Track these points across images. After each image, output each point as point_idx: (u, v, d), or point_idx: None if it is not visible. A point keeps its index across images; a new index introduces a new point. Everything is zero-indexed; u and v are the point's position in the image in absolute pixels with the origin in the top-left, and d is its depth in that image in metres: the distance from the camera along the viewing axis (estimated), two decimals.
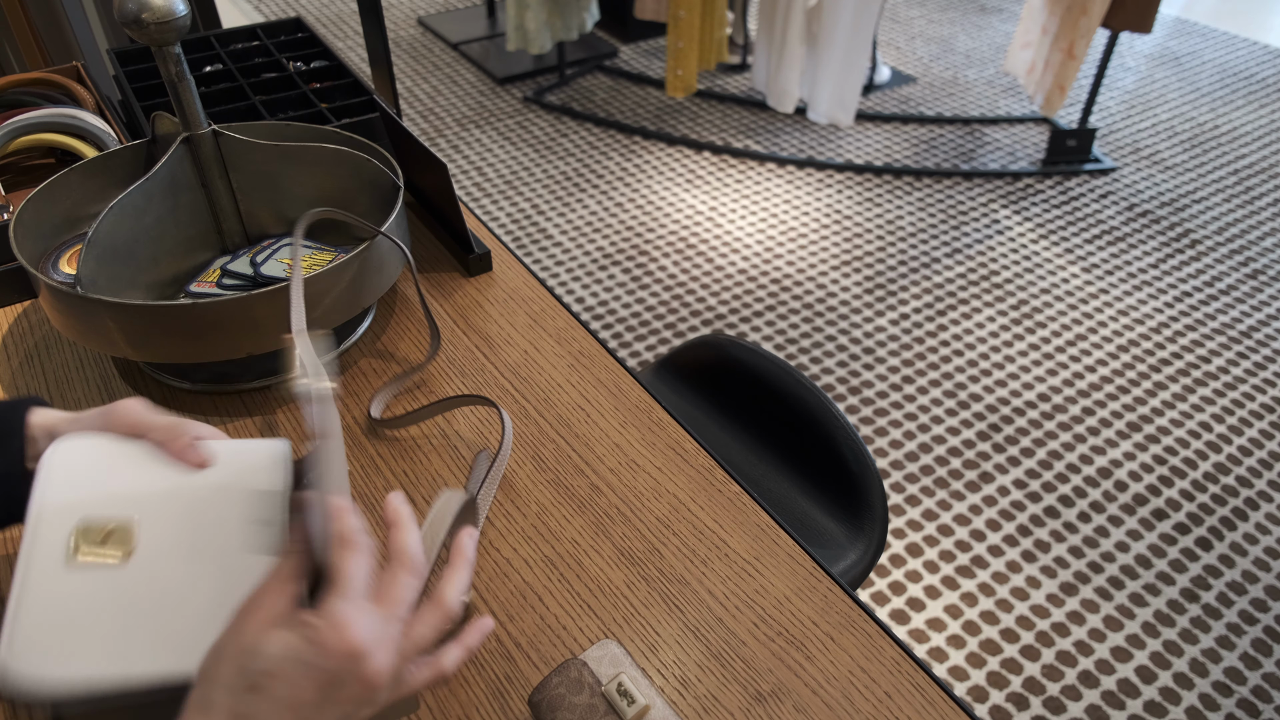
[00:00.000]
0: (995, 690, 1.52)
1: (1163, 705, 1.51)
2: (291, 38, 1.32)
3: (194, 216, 0.94)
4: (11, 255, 0.95)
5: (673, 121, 3.21)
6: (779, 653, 0.66)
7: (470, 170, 2.92)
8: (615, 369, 0.90)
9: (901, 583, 1.69)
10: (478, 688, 0.63)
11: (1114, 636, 1.61)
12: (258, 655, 0.44)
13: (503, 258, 1.05)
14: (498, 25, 3.86)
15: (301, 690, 0.44)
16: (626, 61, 3.63)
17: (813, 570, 0.71)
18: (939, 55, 3.74)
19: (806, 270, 2.50)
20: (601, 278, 2.45)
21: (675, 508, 0.76)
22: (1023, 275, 2.51)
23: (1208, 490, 1.90)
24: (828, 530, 1.03)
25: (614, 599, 0.69)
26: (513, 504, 0.76)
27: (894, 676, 0.64)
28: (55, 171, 1.06)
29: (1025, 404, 2.09)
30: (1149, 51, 3.81)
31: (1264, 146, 3.15)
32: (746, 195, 2.81)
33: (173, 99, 0.84)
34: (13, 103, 1.19)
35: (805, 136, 3.13)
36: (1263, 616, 1.65)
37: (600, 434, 0.83)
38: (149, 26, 0.76)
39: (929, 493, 1.87)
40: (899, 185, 2.88)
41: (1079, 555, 1.75)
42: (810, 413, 1.08)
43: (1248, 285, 2.49)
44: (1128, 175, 2.96)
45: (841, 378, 2.15)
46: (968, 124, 3.24)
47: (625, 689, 0.57)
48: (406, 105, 3.27)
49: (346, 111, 1.15)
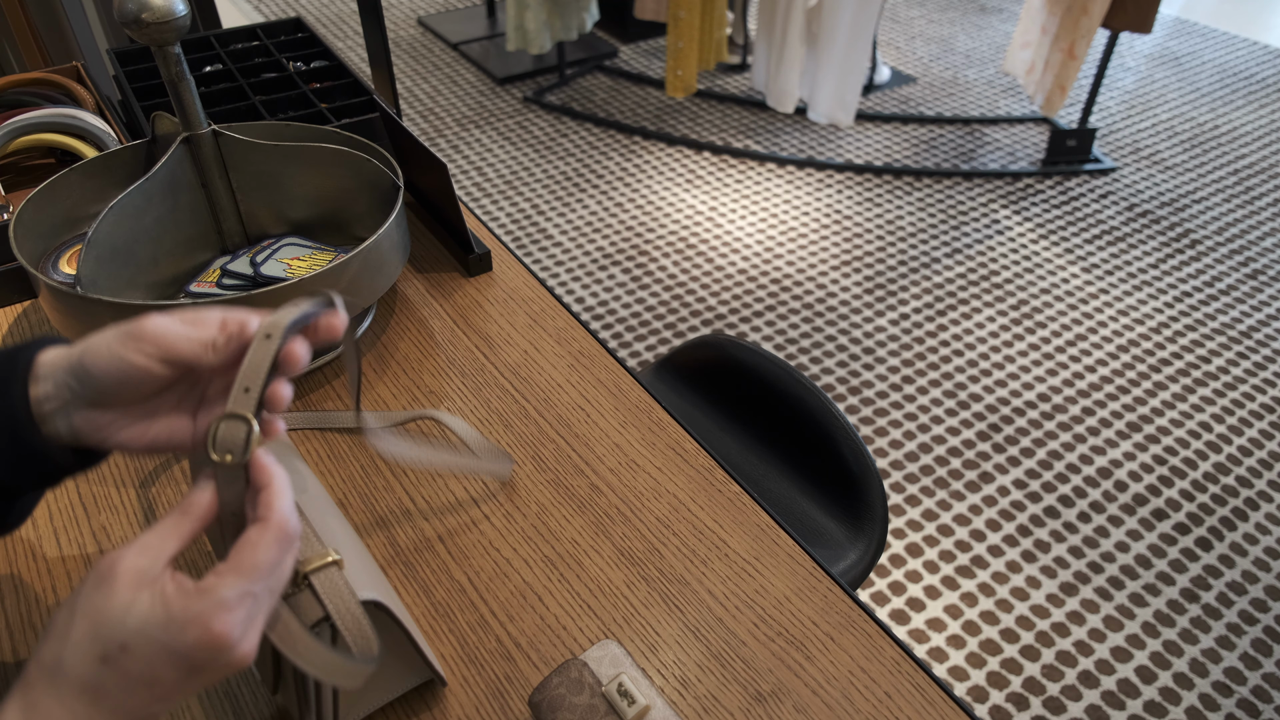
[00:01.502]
0: (995, 690, 1.52)
1: (1163, 705, 1.51)
2: (291, 38, 1.32)
3: (194, 216, 0.94)
4: (11, 255, 0.95)
5: (673, 121, 3.21)
6: (779, 653, 0.66)
7: (470, 170, 2.92)
8: (615, 369, 0.90)
9: (901, 583, 1.69)
10: (478, 688, 0.63)
11: (1114, 636, 1.61)
12: (114, 624, 0.40)
13: (503, 258, 1.05)
14: (498, 25, 3.86)
15: (158, 670, 0.40)
16: (626, 61, 3.63)
17: (813, 570, 0.71)
18: (939, 55, 3.74)
19: (806, 270, 2.50)
20: (601, 278, 2.45)
21: (675, 508, 0.76)
22: (1023, 275, 2.51)
23: (1208, 490, 1.90)
24: (828, 530, 1.03)
25: (614, 599, 0.69)
26: (513, 504, 0.76)
27: (894, 677, 0.64)
28: (55, 171, 1.06)
29: (1025, 404, 2.09)
30: (1149, 51, 3.81)
31: (1264, 146, 3.15)
32: (746, 195, 2.81)
33: (173, 99, 0.84)
34: (13, 103, 1.19)
35: (805, 136, 3.13)
36: (1263, 616, 1.65)
37: (600, 434, 0.83)
38: (149, 26, 0.76)
39: (929, 493, 1.87)
40: (899, 185, 2.88)
41: (1079, 555, 1.75)
42: (810, 413, 1.08)
43: (1248, 285, 2.49)
44: (1128, 175, 2.96)
45: (841, 378, 2.15)
46: (968, 124, 3.24)
47: (625, 689, 0.57)
48: (406, 105, 3.27)
49: (346, 111, 1.15)
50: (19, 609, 0.68)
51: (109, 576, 0.41)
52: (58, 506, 0.76)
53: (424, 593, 0.69)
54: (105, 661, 0.39)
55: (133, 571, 0.41)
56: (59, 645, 0.40)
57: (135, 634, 0.40)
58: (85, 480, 0.78)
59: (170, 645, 0.40)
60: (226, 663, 0.41)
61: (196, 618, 0.40)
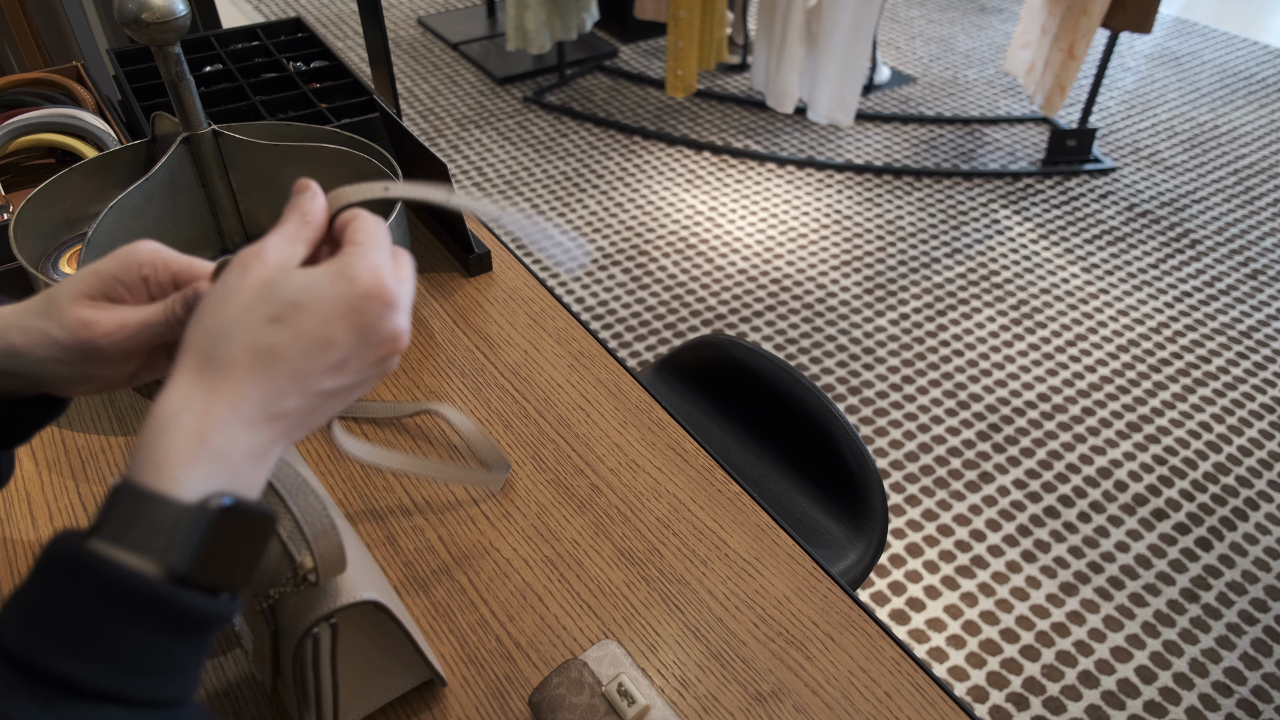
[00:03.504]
0: (995, 690, 1.52)
1: (1163, 705, 1.51)
2: (291, 38, 1.32)
3: (194, 216, 0.94)
4: (11, 255, 0.95)
5: (673, 121, 3.21)
6: (779, 653, 0.66)
7: (470, 170, 2.92)
8: (615, 369, 0.90)
9: (901, 583, 1.69)
10: (478, 688, 0.63)
11: (1114, 636, 1.61)
12: (283, 284, 0.38)
13: (503, 258, 1.05)
14: (498, 25, 3.86)
15: (333, 327, 0.38)
16: (626, 61, 3.63)
17: (813, 570, 0.71)
18: (939, 55, 3.74)
19: (806, 270, 2.50)
20: (601, 278, 2.45)
21: (675, 508, 0.76)
22: (1023, 275, 2.51)
23: (1208, 490, 1.90)
24: (828, 530, 1.03)
25: (614, 599, 0.69)
26: (513, 504, 0.76)
27: (894, 677, 0.64)
28: (55, 171, 1.06)
29: (1025, 404, 2.09)
30: (1149, 51, 3.81)
31: (1264, 146, 3.15)
32: (746, 195, 2.81)
33: (173, 99, 0.84)
34: (13, 103, 1.19)
35: (805, 136, 3.13)
36: (1263, 616, 1.65)
37: (600, 434, 0.83)
38: (149, 26, 0.76)
39: (929, 493, 1.87)
40: (899, 185, 2.88)
41: (1079, 555, 1.75)
42: (810, 413, 1.08)
43: (1248, 285, 2.49)
44: (1128, 175, 2.96)
45: (841, 378, 2.15)
46: (968, 124, 3.24)
47: (625, 689, 0.57)
48: (406, 105, 3.27)
49: (346, 111, 1.15)
50: None
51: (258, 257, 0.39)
52: (58, 506, 0.76)
53: (424, 593, 0.69)
54: (277, 320, 0.37)
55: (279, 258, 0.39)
56: (216, 317, 0.37)
57: (306, 289, 0.38)
58: (85, 480, 0.78)
59: (342, 296, 0.38)
60: (392, 328, 0.39)
61: (364, 269, 0.38)
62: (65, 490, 0.77)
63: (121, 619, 0.32)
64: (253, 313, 0.37)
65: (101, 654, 0.32)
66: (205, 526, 0.34)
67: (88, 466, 0.79)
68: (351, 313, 0.38)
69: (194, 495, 0.34)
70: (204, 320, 0.37)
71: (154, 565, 0.33)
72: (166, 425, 0.35)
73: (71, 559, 0.32)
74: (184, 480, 0.34)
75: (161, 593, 0.33)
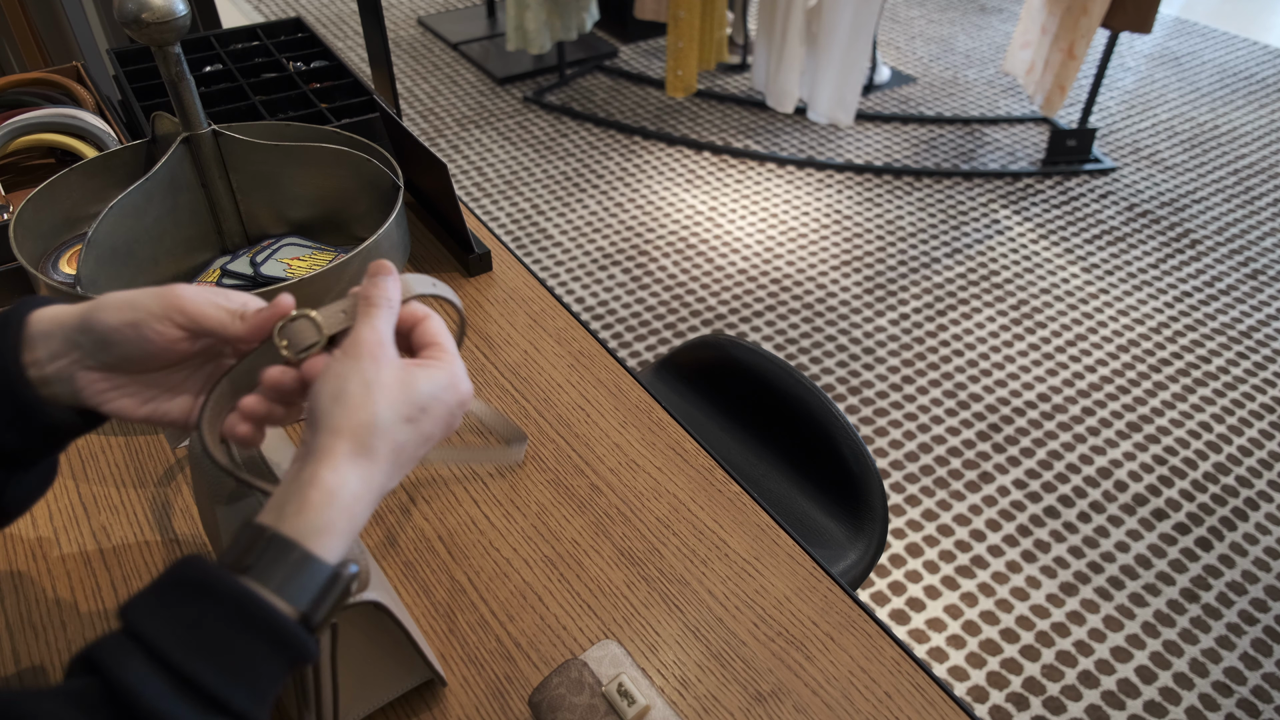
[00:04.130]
0: (995, 690, 1.52)
1: (1163, 705, 1.51)
2: (291, 38, 1.32)
3: (194, 216, 0.94)
4: (11, 255, 0.95)
5: (673, 121, 3.21)
6: (779, 653, 0.66)
7: (470, 170, 2.92)
8: (615, 369, 0.90)
9: (901, 583, 1.69)
10: (478, 688, 0.63)
11: (1114, 636, 1.61)
12: (414, 389, 0.46)
13: (503, 258, 1.05)
14: (498, 25, 3.86)
15: (437, 423, 0.47)
16: (626, 61, 3.63)
17: (813, 570, 0.71)
18: (939, 55, 3.74)
19: (806, 270, 2.50)
20: (601, 278, 2.45)
21: (675, 508, 0.76)
22: (1023, 275, 2.51)
23: (1208, 490, 1.90)
24: (828, 530, 1.03)
25: (614, 599, 0.69)
26: (513, 504, 0.76)
27: (894, 676, 0.64)
28: (55, 171, 1.06)
29: (1025, 404, 2.09)
30: (1149, 51, 3.81)
31: (1264, 146, 3.15)
32: (746, 195, 2.81)
33: (173, 99, 0.84)
34: (13, 103, 1.19)
35: (805, 136, 3.13)
36: (1263, 616, 1.65)
37: (600, 434, 0.83)
38: (149, 26, 0.76)
39: (929, 493, 1.87)
40: (899, 185, 2.88)
41: (1079, 555, 1.75)
42: (810, 413, 1.08)
43: (1248, 285, 2.49)
44: (1128, 175, 2.96)
45: (841, 378, 2.15)
46: (968, 124, 3.24)
47: (625, 689, 0.57)
48: (406, 105, 3.27)
49: (346, 111, 1.15)
50: (19, 609, 0.68)
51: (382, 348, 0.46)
52: (58, 506, 0.76)
53: (424, 593, 0.69)
54: (409, 422, 0.45)
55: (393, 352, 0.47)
56: (369, 409, 0.44)
57: (430, 398, 0.46)
58: (85, 480, 0.78)
59: (449, 403, 0.47)
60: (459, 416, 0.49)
61: (459, 376, 0.48)
62: (65, 490, 0.77)
63: (272, 656, 0.39)
64: (395, 411, 0.45)
65: (252, 683, 0.38)
66: (339, 589, 0.42)
67: (88, 466, 0.79)
68: (450, 414, 0.48)
69: (334, 558, 0.42)
70: (358, 412, 0.44)
71: (296, 612, 0.40)
72: (330, 498, 0.42)
73: (241, 597, 0.39)
74: (333, 548, 0.42)
75: (300, 637, 0.40)
